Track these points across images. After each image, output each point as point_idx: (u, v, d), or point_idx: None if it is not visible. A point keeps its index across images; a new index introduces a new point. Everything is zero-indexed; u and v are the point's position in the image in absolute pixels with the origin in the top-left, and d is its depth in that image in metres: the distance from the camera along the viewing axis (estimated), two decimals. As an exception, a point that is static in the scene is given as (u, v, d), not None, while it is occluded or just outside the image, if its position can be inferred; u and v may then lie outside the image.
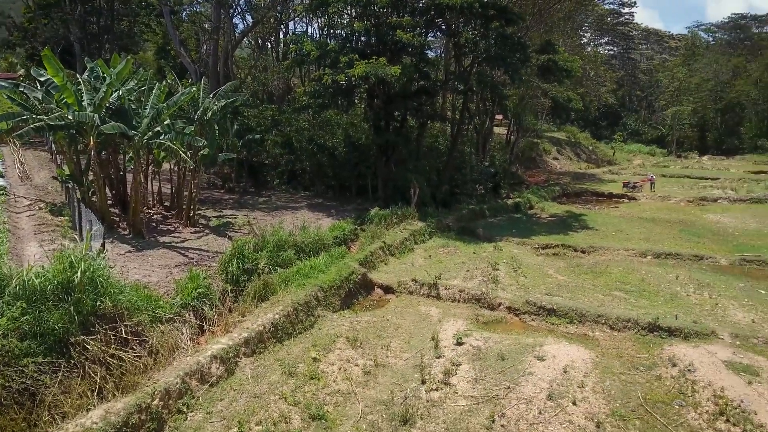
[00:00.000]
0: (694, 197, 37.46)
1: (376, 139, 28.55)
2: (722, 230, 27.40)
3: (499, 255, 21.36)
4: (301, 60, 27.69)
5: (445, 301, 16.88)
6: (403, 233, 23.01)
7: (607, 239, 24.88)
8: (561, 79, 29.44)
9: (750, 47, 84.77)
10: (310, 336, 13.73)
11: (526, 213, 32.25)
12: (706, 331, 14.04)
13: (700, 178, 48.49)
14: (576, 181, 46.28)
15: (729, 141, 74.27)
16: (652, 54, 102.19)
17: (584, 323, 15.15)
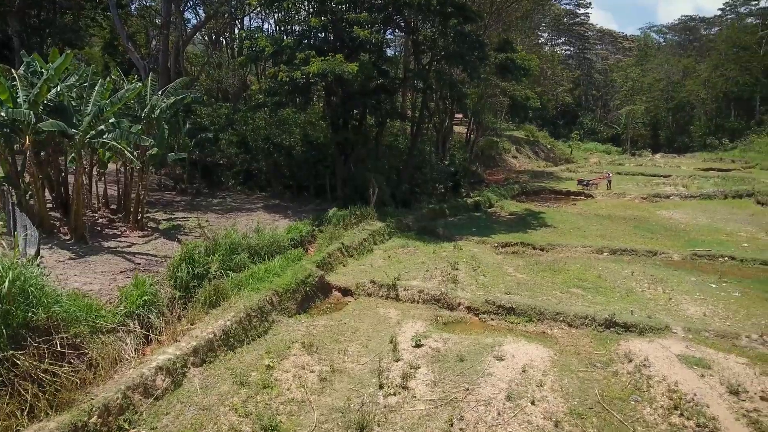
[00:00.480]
0: (647, 194, 38.64)
1: (334, 138, 28.21)
2: (674, 226, 28.30)
3: (459, 254, 21.38)
4: (255, 56, 27.08)
5: (404, 302, 16.73)
6: (362, 234, 22.77)
7: (565, 236, 25.30)
8: (519, 77, 29.83)
9: (699, 48, 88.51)
10: (263, 342, 13.31)
11: (486, 211, 32.53)
12: (661, 325, 14.35)
13: (653, 175, 50.15)
14: (535, 180, 47.08)
15: (680, 139, 77.24)
16: (607, 54, 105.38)
17: (543, 321, 15.27)
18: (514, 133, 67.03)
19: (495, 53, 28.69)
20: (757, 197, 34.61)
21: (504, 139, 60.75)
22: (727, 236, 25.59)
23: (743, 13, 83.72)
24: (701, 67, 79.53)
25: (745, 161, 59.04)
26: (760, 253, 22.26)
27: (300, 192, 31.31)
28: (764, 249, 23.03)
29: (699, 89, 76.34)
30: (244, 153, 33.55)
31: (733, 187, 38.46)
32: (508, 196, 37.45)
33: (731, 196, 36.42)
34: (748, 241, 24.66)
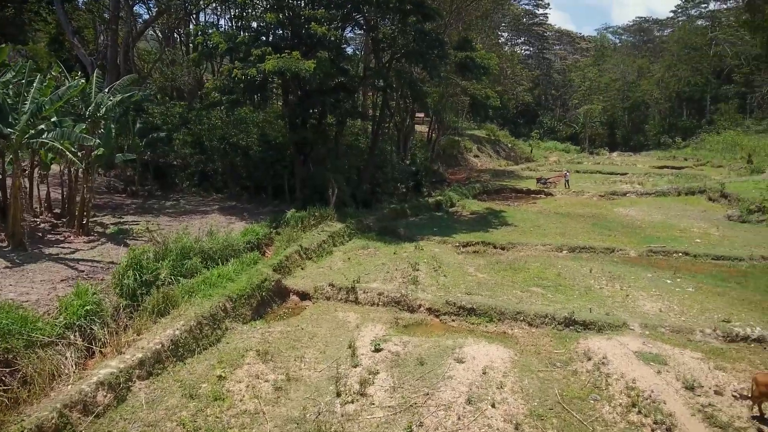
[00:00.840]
0: (605, 192, 39.54)
1: (292, 137, 27.71)
2: (631, 223, 28.98)
3: (420, 255, 21.26)
4: (209, 53, 26.33)
5: (363, 305, 16.46)
6: (321, 235, 22.38)
7: (525, 235, 25.54)
8: (478, 76, 30.00)
9: (652, 49, 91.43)
10: (216, 352, 12.83)
11: (448, 211, 32.58)
12: (618, 322, 14.54)
13: (611, 173, 51.40)
14: (496, 178, 47.58)
15: (636, 138, 79.63)
16: (565, 54, 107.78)
17: (503, 321, 15.27)
18: (476, 132, 67.73)
19: (455, 52, 28.75)
20: (708, 194, 35.84)
21: (466, 138, 61.26)
22: (680, 232, 26.34)
23: (694, 15, 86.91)
24: (655, 67, 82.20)
25: (697, 159, 61.22)
26: (712, 248, 22.98)
27: (257, 193, 30.66)
28: (716, 244, 23.79)
29: (653, 89, 78.90)
30: (199, 153, 32.67)
31: (686, 184, 39.72)
32: (469, 195, 37.67)
33: (684, 193, 37.61)
34: (701, 236, 25.45)
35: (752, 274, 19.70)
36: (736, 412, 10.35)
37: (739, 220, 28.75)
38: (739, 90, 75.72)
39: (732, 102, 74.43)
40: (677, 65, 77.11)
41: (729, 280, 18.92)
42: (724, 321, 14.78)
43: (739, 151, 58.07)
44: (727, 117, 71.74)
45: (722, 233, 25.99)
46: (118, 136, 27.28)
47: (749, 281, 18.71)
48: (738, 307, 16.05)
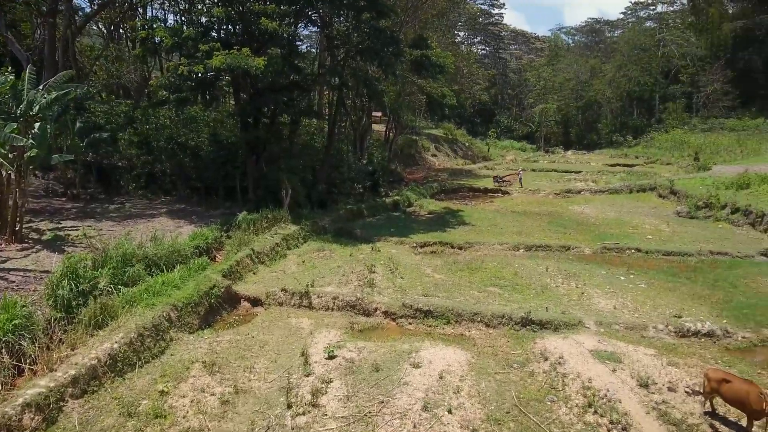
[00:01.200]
0: (560, 190, 40.31)
1: (244, 137, 26.95)
2: (586, 220, 29.55)
3: (376, 256, 20.98)
4: (153, 49, 25.29)
5: (318, 310, 16.03)
6: (275, 238, 21.80)
7: (482, 234, 25.63)
8: (434, 74, 29.96)
9: (604, 50, 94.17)
10: (159, 365, 12.16)
11: (405, 211, 32.45)
12: (574, 321, 14.64)
13: (566, 171, 52.55)
14: (453, 178, 47.86)
15: (589, 136, 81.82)
16: (520, 54, 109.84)
17: (461, 323, 15.14)
18: (433, 131, 68.08)
19: (410, 50, 28.62)
20: (658, 191, 36.98)
21: (423, 137, 61.48)
22: (633, 229, 26.99)
23: (642, 17, 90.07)
24: (606, 67, 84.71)
25: (647, 157, 63.30)
26: (663, 244, 23.60)
27: (208, 195, 29.70)
28: (666, 240, 24.46)
29: (605, 88, 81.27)
30: (146, 154, 31.40)
31: (638, 181, 40.91)
32: (427, 195, 37.67)
33: (636, 191, 38.70)
34: (652, 233, 26.13)
35: (701, 269, 20.28)
36: (689, 408, 10.48)
37: (687, 216, 29.71)
38: (685, 90, 78.87)
39: (679, 101, 77.44)
40: (627, 65, 79.66)
41: (679, 275, 19.42)
42: (676, 316, 15.10)
43: (686, 149, 60.42)
44: (674, 116, 74.58)
45: (672, 229, 26.77)
46: (57, 136, 25.94)
47: (698, 276, 19.25)
48: (688, 302, 16.45)
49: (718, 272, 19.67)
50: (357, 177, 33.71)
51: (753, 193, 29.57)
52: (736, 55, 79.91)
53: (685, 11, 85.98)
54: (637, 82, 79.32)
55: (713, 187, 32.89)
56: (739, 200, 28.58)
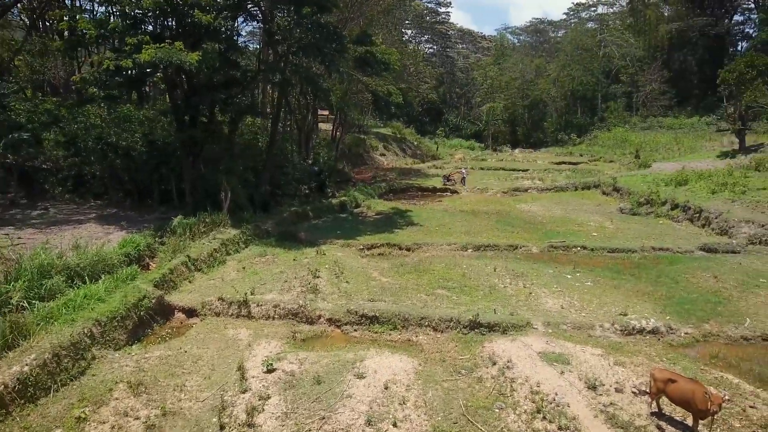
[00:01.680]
0: (508, 188, 40.82)
1: (179, 136, 25.69)
2: (533, 219, 29.90)
3: (321, 260, 20.38)
4: (76, 42, 23.69)
5: (257, 319, 15.30)
6: (213, 244, 20.83)
7: (430, 235, 25.44)
8: (379, 71, 29.58)
9: (548, 50, 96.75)
10: (77, 387, 11.18)
11: (352, 212, 31.93)
12: (522, 322, 14.54)
13: (513, 170, 53.41)
14: (402, 177, 47.72)
15: (535, 135, 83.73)
16: (468, 53, 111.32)
17: (408, 328, 14.78)
18: (381, 130, 67.87)
19: (354, 46, 28.10)
20: (602, 188, 38.01)
21: (371, 136, 61.14)
22: (578, 226, 27.48)
23: (584, 17, 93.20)
24: (551, 67, 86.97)
25: (591, 155, 65.24)
26: (607, 241, 24.08)
27: (142, 199, 28.23)
28: (611, 237, 24.99)
29: (550, 87, 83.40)
30: (74, 155, 29.57)
31: (582, 179, 42.00)
32: (375, 195, 37.31)
33: (581, 188, 39.68)
34: (597, 230, 26.68)
35: (644, 265, 20.75)
36: (636, 409, 10.46)
37: (630, 212, 30.57)
38: (625, 89, 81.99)
39: (620, 101, 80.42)
40: (571, 65, 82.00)
41: (624, 272, 19.78)
42: (622, 314, 15.25)
43: (627, 147, 62.64)
44: (616, 115, 77.32)
45: (616, 226, 27.43)
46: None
47: (642, 272, 19.66)
48: (633, 299, 16.70)
49: (660, 268, 20.16)
50: (302, 178, 32.91)
51: (691, 190, 30.75)
52: (672, 56, 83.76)
53: (624, 13, 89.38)
54: (580, 81, 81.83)
55: (654, 184, 34.03)
56: (678, 197, 29.64)
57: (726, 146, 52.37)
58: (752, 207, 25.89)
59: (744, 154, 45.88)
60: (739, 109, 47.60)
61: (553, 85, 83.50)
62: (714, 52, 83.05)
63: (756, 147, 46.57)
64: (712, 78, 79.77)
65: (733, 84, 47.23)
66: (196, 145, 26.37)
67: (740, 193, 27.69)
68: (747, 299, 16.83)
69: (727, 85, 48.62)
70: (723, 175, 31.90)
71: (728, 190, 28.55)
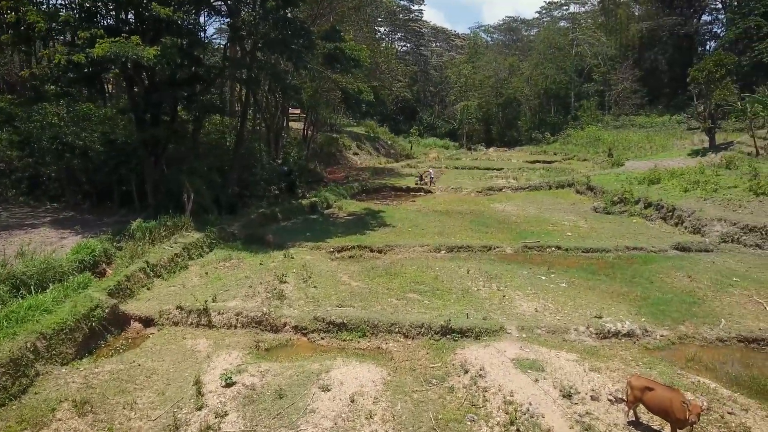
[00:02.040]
0: (482, 188, 40.62)
1: (140, 136, 24.70)
2: (507, 218, 29.69)
3: (289, 264, 19.72)
4: (25, 35, 22.50)
5: (219, 329, 14.60)
6: (174, 248, 19.98)
7: (403, 236, 24.97)
8: (348, 68, 28.97)
9: (521, 48, 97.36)
10: (17, 408, 10.37)
11: (323, 213, 31.23)
12: (496, 327, 14.15)
13: (488, 168, 53.38)
14: (375, 177, 47.20)
15: (509, 134, 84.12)
16: (441, 51, 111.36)
17: (377, 335, 14.27)
18: (355, 129, 67.26)
19: (323, 42, 27.45)
20: (576, 187, 38.09)
21: (344, 135, 60.47)
22: (552, 226, 27.34)
23: (557, 16, 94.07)
24: (524, 65, 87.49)
25: (565, 154, 65.76)
26: (581, 241, 23.95)
27: (102, 201, 27.11)
28: (585, 237, 24.89)
29: (523, 86, 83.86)
30: (29, 156, 28.25)
31: (556, 178, 42.08)
32: (347, 196, 36.70)
33: (555, 187, 39.72)
34: (571, 229, 26.57)
35: (618, 265, 20.63)
36: (613, 418, 10.12)
37: (604, 211, 30.59)
38: (598, 88, 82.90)
39: (593, 99, 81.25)
40: (544, 64, 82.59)
41: (598, 273, 19.61)
42: (597, 317, 15.00)
43: (600, 146, 63.20)
44: (589, 113, 78.09)
45: (590, 225, 27.37)
46: None
47: (616, 273, 19.51)
48: (608, 301, 16.49)
49: (634, 268, 20.05)
50: (271, 178, 32.10)
51: (663, 188, 30.93)
52: (643, 55, 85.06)
53: (595, 12, 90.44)
54: (553, 80, 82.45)
55: (627, 182, 34.18)
56: (651, 195, 29.76)
57: (696, 144, 53.12)
58: (724, 205, 26.07)
59: (714, 152, 46.59)
60: (708, 108, 48.28)
61: (526, 83, 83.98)
62: (683, 52, 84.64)
63: (726, 145, 47.31)
64: (681, 77, 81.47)
65: (703, 82, 47.89)
66: (158, 144, 25.43)
67: (712, 192, 27.91)
68: (721, 299, 16.79)
69: (696, 83, 49.31)
70: (695, 173, 32.19)
71: (700, 188, 28.75)
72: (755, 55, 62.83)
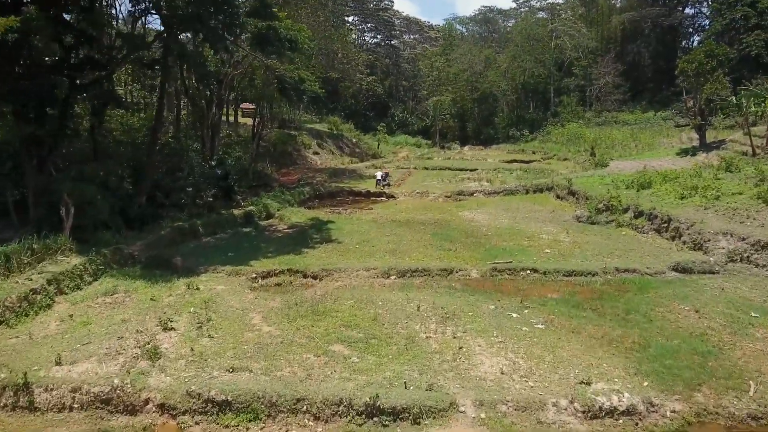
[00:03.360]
0: (451, 192, 36.86)
1: (18, 133, 20.28)
2: (476, 230, 25.91)
3: (190, 299, 15.64)
4: None
5: (44, 413, 10.43)
6: (35, 280, 15.67)
7: (347, 256, 20.98)
8: (282, 51, 24.81)
9: (498, 40, 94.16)
10: None
11: (258, 225, 27.02)
12: (444, 404, 10.35)
13: (460, 169, 49.75)
14: (334, 179, 43.14)
15: (486, 131, 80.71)
16: (415, 43, 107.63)
17: (276, 417, 10.32)
18: (316, 126, 62.87)
19: (253, 20, 23.26)
20: (556, 191, 34.56)
21: (304, 132, 56.14)
22: (528, 240, 23.64)
23: (535, 6, 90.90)
24: (501, 58, 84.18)
25: (545, 152, 62.63)
26: (563, 260, 20.29)
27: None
28: (567, 254, 21.23)
29: (500, 80, 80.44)
30: None
31: (534, 180, 38.47)
32: (294, 203, 32.52)
33: (533, 191, 36.16)
34: (550, 244, 22.89)
35: (608, 293, 16.99)
36: None
37: (588, 221, 27.02)
38: (579, 83, 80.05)
39: (573, 95, 78.36)
40: (521, 56, 79.36)
41: (584, 305, 15.90)
42: (583, 382, 11.24)
43: (582, 144, 60.22)
44: (569, 110, 75.20)
45: (572, 238, 23.74)
46: None
47: (606, 306, 15.83)
48: (597, 352, 12.76)
49: (628, 298, 16.44)
50: (200, 183, 27.71)
51: (656, 194, 27.46)
52: (625, 48, 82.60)
53: (575, 2, 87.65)
54: (531, 73, 79.25)
55: (613, 186, 30.74)
56: (642, 202, 26.26)
57: (685, 143, 50.33)
58: (729, 216, 22.64)
59: (705, 151, 43.74)
60: (698, 103, 45.38)
61: (503, 77, 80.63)
62: (667, 44, 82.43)
63: (717, 143, 44.51)
64: (666, 71, 79.64)
65: (692, 75, 44.98)
66: (43, 144, 21.02)
67: (713, 199, 24.46)
68: (743, 346, 13.22)
69: (685, 76, 46.40)
70: (691, 176, 28.83)
71: (699, 194, 25.27)
72: (743, 47, 60.50)
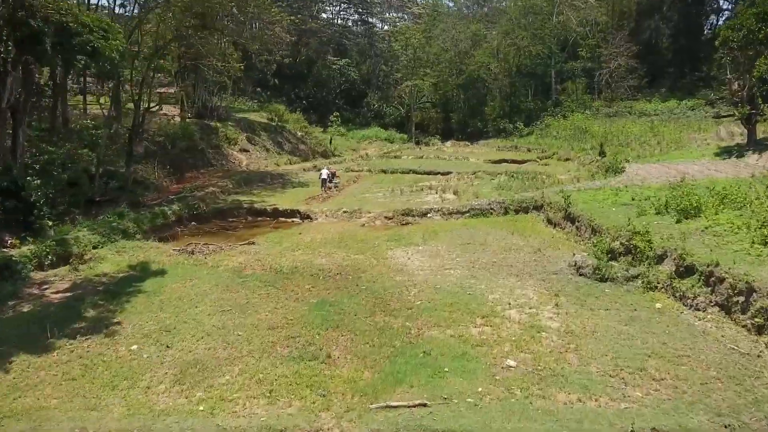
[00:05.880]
0: (395, 211, 26.15)
1: None
2: (398, 295, 15.33)
3: None
4: None
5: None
6: None
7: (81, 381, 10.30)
8: None
9: (489, 14, 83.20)
10: None
11: (18, 282, 16.22)
12: None
13: (428, 173, 39.62)
14: (242, 188, 32.50)
15: (473, 123, 69.95)
16: (395, 20, 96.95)
17: None
18: (251, 115, 51.84)
19: None
20: (547, 213, 23.91)
21: (229, 124, 45.27)
22: (482, 326, 13.05)
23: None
24: (492, 34, 73.20)
25: (542, 150, 52.49)
26: (538, 403, 9.65)
27: None
28: (547, 377, 10.64)
29: (490, 60, 69.35)
30: None
31: (519, 195, 27.51)
32: (139, 231, 21.73)
33: (514, 211, 25.51)
34: (520, 341, 12.28)
35: None
36: None
37: (594, 275, 16.38)
38: (585, 66, 69.19)
39: (579, 80, 67.41)
40: (516, 31, 68.31)
41: None
42: None
43: (589, 140, 49.73)
44: (574, 98, 64.57)
45: (565, 325, 13.12)
46: None
47: None
48: None
49: None
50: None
51: (711, 230, 16.70)
52: (641, 25, 71.77)
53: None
54: (528, 53, 68.06)
55: (636, 208, 20.20)
56: (692, 247, 15.50)
57: (725, 139, 39.88)
58: None
59: (756, 151, 33.25)
60: (747, 85, 34.68)
61: (494, 57, 69.49)
62: (691, 20, 71.73)
63: (773, 140, 33.91)
64: (688, 51, 69.13)
65: (739, 47, 34.36)
66: None
67: (828, 248, 13.86)
68: None
69: (729, 48, 35.68)
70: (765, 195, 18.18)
71: (797, 236, 14.65)
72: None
